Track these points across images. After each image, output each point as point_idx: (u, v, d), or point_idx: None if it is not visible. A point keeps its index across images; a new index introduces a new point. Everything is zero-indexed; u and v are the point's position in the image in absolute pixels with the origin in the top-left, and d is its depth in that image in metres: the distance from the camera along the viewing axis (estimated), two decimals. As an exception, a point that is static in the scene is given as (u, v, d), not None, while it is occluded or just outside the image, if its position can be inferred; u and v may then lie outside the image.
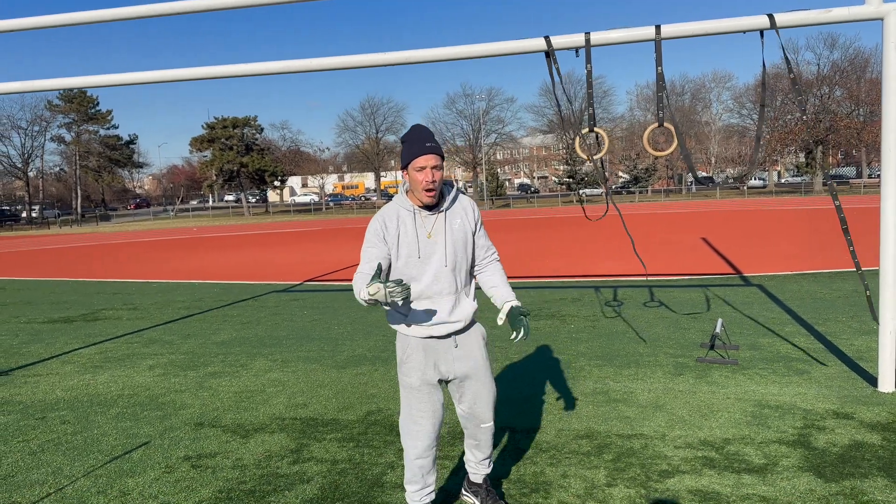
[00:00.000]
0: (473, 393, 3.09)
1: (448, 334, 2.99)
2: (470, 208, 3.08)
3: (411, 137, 2.93)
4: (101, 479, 3.88)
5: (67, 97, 69.36)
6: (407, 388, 3.01)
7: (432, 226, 2.95)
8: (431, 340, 2.99)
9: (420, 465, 3.03)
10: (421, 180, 2.86)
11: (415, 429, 3.00)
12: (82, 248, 27.66)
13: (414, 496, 3.08)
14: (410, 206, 2.96)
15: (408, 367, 3.00)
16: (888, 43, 4.60)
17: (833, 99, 53.88)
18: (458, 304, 2.99)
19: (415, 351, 2.98)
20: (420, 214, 2.95)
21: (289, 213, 65.20)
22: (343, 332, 7.78)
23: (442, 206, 2.98)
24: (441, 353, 3.01)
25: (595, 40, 4.93)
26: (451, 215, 3.00)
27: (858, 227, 19.18)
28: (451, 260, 2.96)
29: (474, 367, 3.06)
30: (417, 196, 2.93)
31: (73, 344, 7.85)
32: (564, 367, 5.85)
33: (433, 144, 2.88)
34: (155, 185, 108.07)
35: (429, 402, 2.99)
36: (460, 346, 3.04)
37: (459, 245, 2.99)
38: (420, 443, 3.00)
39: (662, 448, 3.98)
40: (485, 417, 3.14)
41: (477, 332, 3.11)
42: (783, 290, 9.31)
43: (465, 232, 3.02)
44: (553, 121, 69.93)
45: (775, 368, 5.49)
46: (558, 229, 25.24)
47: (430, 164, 2.85)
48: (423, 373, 2.98)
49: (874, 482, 3.42)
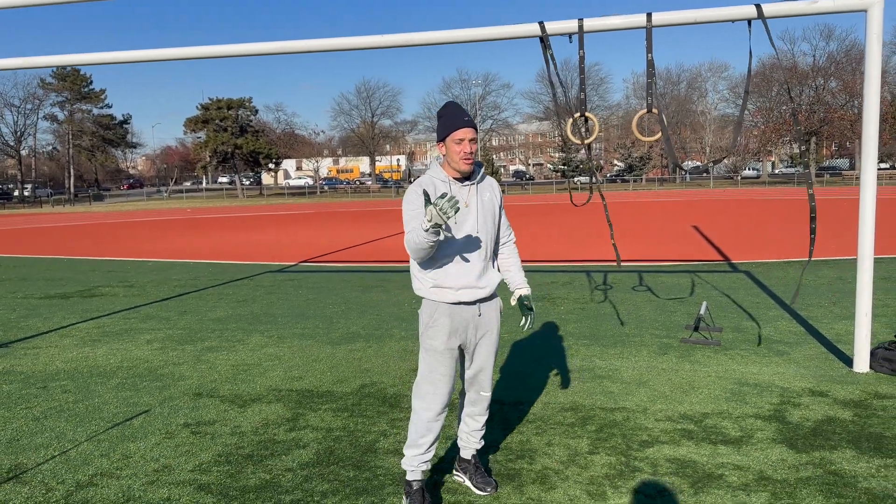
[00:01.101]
0: (482, 360, 3.28)
1: (474, 301, 3.17)
2: (497, 187, 3.32)
3: (448, 112, 3.13)
4: (104, 443, 4.03)
5: (61, 75, 68.92)
6: (430, 352, 3.17)
7: (467, 195, 3.15)
8: (459, 307, 3.16)
9: (430, 428, 3.17)
10: (459, 151, 3.06)
11: (431, 390, 3.16)
12: (76, 227, 27.69)
13: (412, 460, 3.19)
14: (445, 176, 3.14)
15: (434, 330, 3.16)
16: (871, 34, 4.75)
17: (828, 90, 54.06)
18: (485, 272, 3.19)
19: (442, 316, 3.15)
20: (455, 185, 3.14)
21: (283, 195, 65.12)
22: (337, 311, 7.93)
23: (474, 178, 3.19)
24: (466, 321, 3.18)
25: (588, 26, 5.05)
26: (482, 189, 3.21)
27: (850, 217, 19.40)
28: (483, 227, 3.15)
29: (489, 337, 3.26)
30: (454, 166, 3.11)
31: (71, 319, 7.97)
32: (553, 345, 6.02)
33: (469, 118, 3.10)
34: (148, 165, 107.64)
35: (449, 366, 3.17)
36: (483, 314, 3.23)
37: (489, 216, 3.20)
38: (435, 405, 3.16)
39: (643, 420, 4.15)
40: (486, 385, 3.33)
41: (496, 303, 3.31)
42: (769, 276, 9.50)
43: (494, 205, 3.24)
44: (549, 108, 69.94)
45: (756, 349, 5.67)
46: (552, 216, 25.41)
47: (468, 137, 3.06)
48: (449, 337, 3.15)
49: (842, 453, 3.60)
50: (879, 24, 4.74)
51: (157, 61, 6.24)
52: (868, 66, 4.80)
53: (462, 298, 3.13)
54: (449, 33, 5.46)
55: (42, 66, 6.54)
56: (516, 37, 5.33)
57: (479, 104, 70.82)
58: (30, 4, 6.08)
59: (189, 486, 3.44)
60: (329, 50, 5.79)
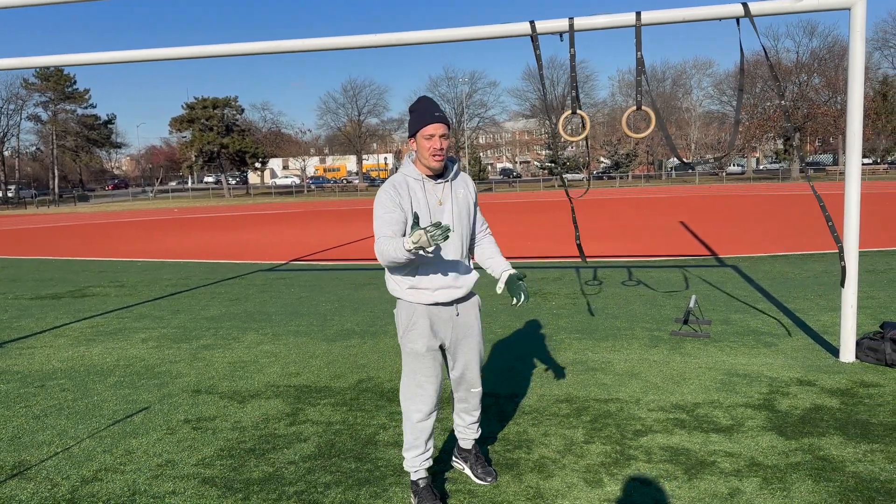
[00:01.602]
0: (466, 359, 3.27)
1: (451, 301, 3.15)
2: (471, 183, 3.30)
3: (419, 108, 3.07)
4: (106, 439, 4.08)
5: (44, 75, 68.31)
6: (412, 355, 3.16)
7: (441, 193, 3.12)
8: (436, 308, 3.15)
9: (422, 428, 3.18)
10: (429, 147, 3.01)
11: (419, 392, 3.16)
12: (63, 228, 27.51)
13: (414, 461, 3.22)
14: (418, 174, 3.09)
15: (414, 333, 3.14)
16: (854, 32, 4.86)
17: (811, 86, 54.54)
18: (462, 271, 3.16)
19: (420, 318, 3.13)
20: (428, 182, 3.11)
21: (270, 195, 64.92)
22: (331, 309, 7.98)
23: (447, 175, 3.15)
24: (444, 321, 3.18)
25: (578, 25, 5.14)
26: (456, 185, 3.18)
27: (835, 211, 19.67)
28: (458, 224, 3.13)
29: (470, 335, 3.24)
30: (425, 163, 3.06)
31: (64, 319, 7.97)
32: (546, 339, 6.11)
33: (441, 114, 3.05)
34: (133, 165, 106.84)
35: (433, 367, 3.17)
36: (461, 314, 3.21)
37: (464, 213, 3.17)
38: (424, 407, 3.16)
39: (637, 411, 4.25)
40: (475, 382, 3.32)
41: (474, 301, 3.31)
42: (756, 270, 9.65)
43: (468, 202, 3.21)
44: (536, 105, 70.14)
45: (745, 341, 5.79)
46: (540, 213, 25.54)
47: (439, 133, 3.01)
48: (429, 339, 3.14)
49: (830, 440, 3.71)
50: (862, 22, 4.85)
51: (142, 62, 6.24)
52: (852, 62, 4.92)
53: (439, 299, 3.11)
54: (440, 32, 5.51)
55: (23, 66, 6.50)
56: (507, 36, 5.40)
57: (465, 102, 70.89)
58: (18, 5, 6.09)
59: (193, 479, 3.49)
60: (317, 50, 5.81)
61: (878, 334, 5.13)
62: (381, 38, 5.62)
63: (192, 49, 5.98)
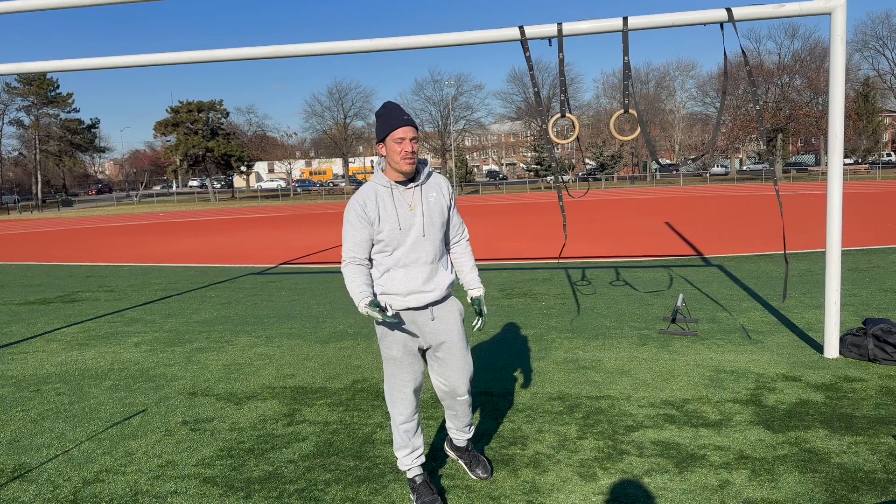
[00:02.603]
0: (447, 365, 3.24)
1: (425, 305, 3.13)
2: (445, 185, 3.25)
3: (386, 112, 3.06)
4: (105, 442, 4.12)
5: (26, 80, 67.69)
6: (389, 360, 3.19)
7: (410, 199, 3.10)
8: (409, 313, 3.13)
9: (406, 429, 3.24)
10: (399, 150, 2.98)
11: (399, 396, 3.21)
12: (48, 233, 27.31)
13: (405, 461, 3.29)
14: (387, 182, 3.08)
15: (389, 340, 3.17)
16: (835, 36, 4.99)
17: (793, 88, 55.16)
18: (434, 275, 3.14)
19: (395, 323, 3.13)
20: (397, 189, 3.09)
21: (256, 198, 64.74)
22: (323, 311, 8.03)
23: (418, 180, 3.13)
24: (419, 326, 3.16)
25: (567, 30, 5.23)
26: (427, 189, 3.15)
27: (816, 210, 19.94)
28: (429, 230, 3.11)
29: (450, 340, 3.21)
30: (396, 167, 3.04)
31: (55, 324, 7.97)
32: (537, 339, 6.20)
33: (409, 117, 3.04)
34: (117, 170, 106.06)
35: (410, 371, 3.19)
36: (437, 318, 3.18)
37: (436, 217, 3.14)
38: (406, 409, 3.22)
39: (628, 407, 4.35)
40: (460, 391, 3.29)
41: (454, 305, 3.26)
42: (741, 269, 9.80)
43: (441, 206, 3.17)
44: (521, 108, 70.41)
45: (732, 339, 5.91)
46: (527, 214, 25.68)
47: (409, 136, 2.99)
48: (405, 344, 3.16)
49: (816, 433, 3.82)
50: (843, 25, 4.99)
51: (126, 68, 6.26)
52: (833, 65, 5.05)
53: (410, 304, 3.11)
54: (430, 38, 5.59)
55: (5, 73, 6.51)
56: (496, 41, 5.49)
57: (451, 105, 71.04)
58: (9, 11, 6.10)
59: (194, 479, 3.54)
60: (305, 55, 5.83)
61: (861, 330, 5.26)
62: (371, 44, 5.69)
63: (176, 55, 6.01)
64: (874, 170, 54.92)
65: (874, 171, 54.27)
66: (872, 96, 61.56)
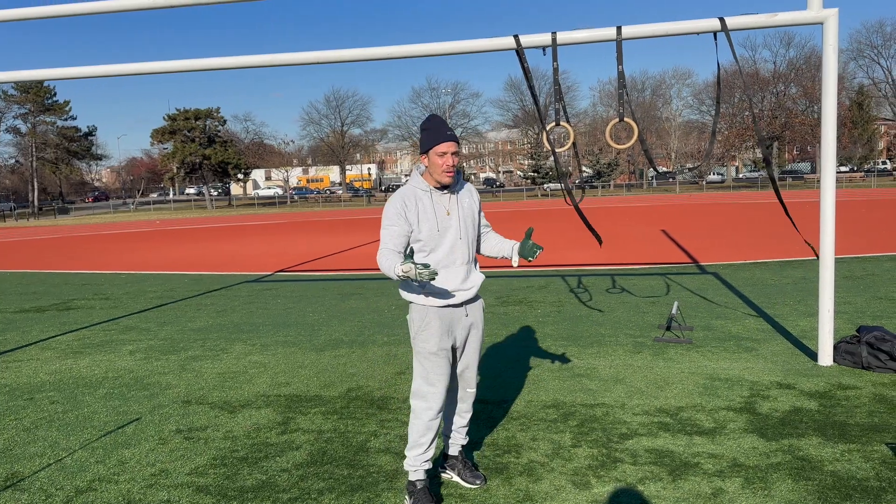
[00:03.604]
0: (469, 358, 3.45)
1: (462, 303, 3.34)
2: (475, 191, 3.52)
3: (431, 126, 3.28)
4: (98, 450, 4.10)
5: (23, 87, 67.63)
6: (424, 355, 3.31)
7: (448, 203, 3.32)
8: (447, 309, 3.32)
9: (431, 426, 3.31)
10: (442, 164, 3.21)
11: (431, 391, 3.30)
12: (44, 241, 27.26)
13: (415, 461, 3.31)
14: (427, 186, 3.30)
15: (426, 334, 3.30)
16: (827, 45, 5.03)
17: (789, 96, 55.42)
18: (469, 274, 3.37)
19: (433, 319, 3.29)
20: (435, 194, 3.31)
21: (253, 206, 64.67)
22: (319, 319, 8.03)
23: (454, 187, 3.36)
24: (455, 322, 3.35)
25: (561, 40, 5.26)
26: (461, 196, 3.39)
27: (813, 219, 19.99)
28: (464, 233, 3.33)
29: (475, 336, 3.43)
30: (436, 178, 3.26)
31: (49, 332, 7.95)
32: (532, 346, 6.20)
33: (452, 133, 3.27)
34: (114, 177, 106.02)
35: (445, 366, 3.32)
36: (469, 314, 3.40)
37: (469, 221, 3.38)
38: (435, 404, 3.30)
39: (622, 415, 4.35)
40: (472, 382, 3.51)
41: (480, 303, 3.50)
42: (736, 277, 9.82)
43: (473, 210, 3.42)
44: (518, 116, 70.59)
45: (726, 346, 5.92)
46: (524, 221, 25.71)
47: (451, 150, 3.22)
48: (440, 339, 3.30)
49: (809, 440, 3.83)
50: (835, 35, 5.02)
51: (124, 76, 6.27)
52: (825, 74, 5.08)
53: (451, 302, 3.30)
54: (427, 46, 5.62)
55: (3, 81, 6.52)
56: (492, 50, 5.52)
57: (448, 112, 71.20)
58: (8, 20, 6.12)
59: (188, 488, 3.54)
60: (302, 64, 5.86)
61: (855, 338, 5.28)
62: (367, 53, 5.71)
63: (173, 63, 6.04)
64: (869, 177, 55.10)
65: (869, 178, 54.44)
66: (867, 104, 61.88)
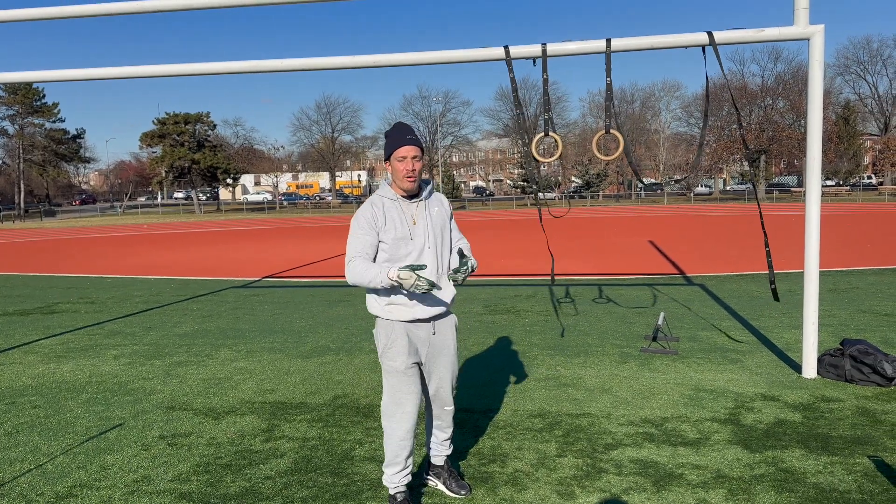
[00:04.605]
0: (441, 377, 3.36)
1: (430, 318, 3.26)
2: (445, 201, 3.46)
3: (393, 132, 3.24)
4: (80, 456, 4.06)
5: (11, 89, 67.13)
6: (392, 373, 3.24)
7: (415, 211, 3.26)
8: (414, 325, 3.25)
9: (403, 446, 3.25)
10: (402, 169, 3.17)
11: (399, 411, 3.23)
12: (30, 244, 27.02)
13: (394, 478, 3.29)
14: (393, 195, 3.26)
15: (393, 351, 3.23)
16: (813, 61, 5.09)
17: (776, 110, 55.90)
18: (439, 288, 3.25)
19: (399, 336, 3.23)
20: (402, 203, 3.26)
21: (242, 211, 64.45)
22: (305, 326, 8.00)
23: (421, 195, 3.30)
24: (422, 338, 3.28)
25: (551, 51, 5.29)
26: (430, 204, 3.34)
27: (797, 231, 20.15)
28: (433, 241, 3.26)
29: (445, 353, 3.34)
30: (399, 184, 3.22)
31: (33, 335, 7.88)
32: (519, 356, 6.21)
33: (413, 137, 3.21)
34: (102, 180, 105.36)
35: (413, 384, 3.25)
36: (438, 332, 3.31)
37: (438, 230, 3.30)
38: (404, 425, 3.23)
39: (608, 425, 4.36)
40: (448, 400, 3.41)
41: (451, 320, 3.40)
42: (722, 289, 9.88)
43: (443, 219, 3.35)
44: (508, 125, 70.83)
45: (712, 358, 5.95)
46: (514, 231, 25.75)
47: (411, 155, 3.17)
48: (408, 356, 3.23)
49: (793, 452, 3.85)
50: (821, 51, 5.08)
51: (111, 79, 6.25)
52: (811, 89, 5.14)
53: (417, 315, 3.22)
54: (418, 55, 5.64)
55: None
56: (482, 60, 5.54)
57: (439, 121, 71.36)
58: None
59: (170, 494, 3.51)
60: (294, 70, 5.86)
61: (839, 351, 5.32)
62: (357, 60, 5.72)
63: (163, 68, 6.03)
64: (855, 192, 55.64)
65: (855, 193, 54.97)
66: (853, 119, 62.52)
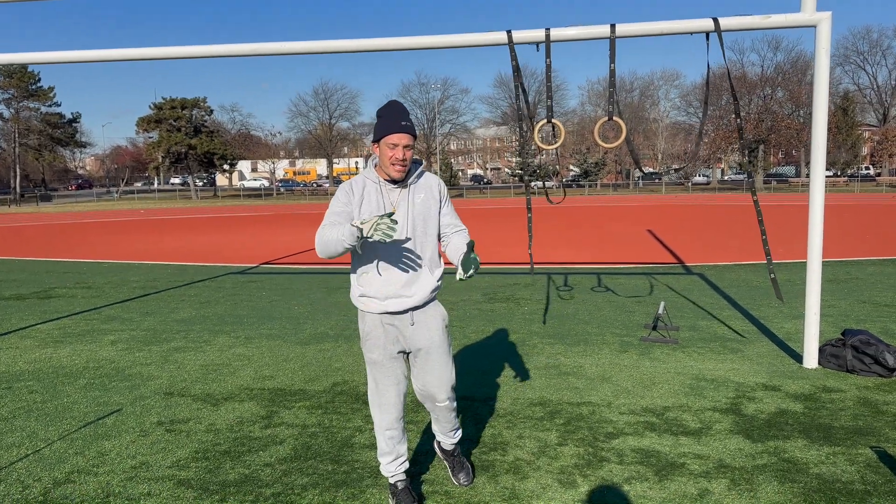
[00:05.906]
0: (427, 371, 3.17)
1: (405, 310, 3.05)
2: (436, 186, 3.13)
3: (387, 113, 2.97)
4: (77, 441, 4.03)
5: (7, 72, 66.64)
6: (371, 364, 3.14)
7: (396, 198, 3.03)
8: (387, 317, 3.06)
9: (390, 435, 3.19)
10: (391, 156, 2.93)
11: (381, 401, 3.15)
12: (26, 228, 26.91)
13: (388, 467, 3.24)
14: (376, 178, 3.04)
15: (370, 343, 3.11)
16: (820, 48, 5.03)
17: (775, 100, 55.78)
18: (416, 279, 3.05)
19: (374, 328, 3.08)
20: (385, 187, 3.04)
21: (238, 197, 64.25)
22: (304, 312, 7.96)
23: (407, 181, 3.05)
24: (399, 330, 3.09)
25: (554, 36, 5.23)
26: (415, 190, 3.08)
27: (797, 221, 20.14)
28: (412, 232, 3.03)
29: (431, 345, 3.12)
30: (386, 170, 2.99)
31: (29, 320, 7.83)
32: (519, 344, 6.18)
33: (407, 124, 2.95)
34: (97, 165, 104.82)
35: (392, 374, 3.13)
36: (417, 323, 3.09)
37: (419, 219, 3.05)
38: (388, 414, 3.15)
39: (608, 414, 4.33)
40: (439, 397, 3.21)
41: (436, 311, 3.17)
42: (722, 278, 9.86)
43: (428, 207, 3.07)
44: (507, 113, 70.59)
45: (712, 347, 5.93)
46: (511, 219, 25.71)
47: (403, 143, 2.92)
48: (384, 348, 3.10)
49: (794, 442, 3.83)
50: (828, 38, 5.03)
51: (107, 62, 6.17)
52: (817, 77, 5.08)
53: (388, 308, 3.03)
54: (417, 39, 5.56)
55: None
56: (483, 44, 5.47)
57: (437, 108, 71.08)
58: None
59: (168, 481, 3.48)
60: (292, 53, 5.79)
61: (840, 341, 5.30)
62: (356, 44, 5.65)
63: (159, 50, 5.94)
64: (853, 182, 55.65)
65: (853, 183, 54.98)
66: (851, 110, 62.40)
